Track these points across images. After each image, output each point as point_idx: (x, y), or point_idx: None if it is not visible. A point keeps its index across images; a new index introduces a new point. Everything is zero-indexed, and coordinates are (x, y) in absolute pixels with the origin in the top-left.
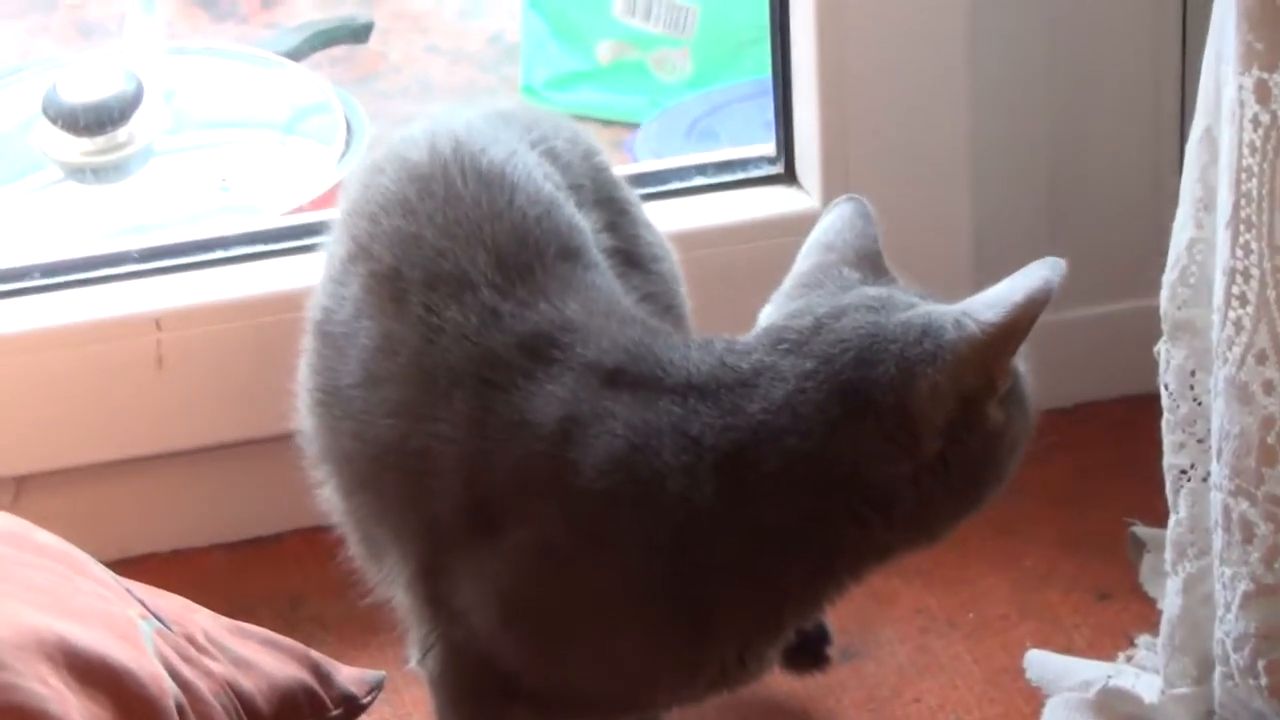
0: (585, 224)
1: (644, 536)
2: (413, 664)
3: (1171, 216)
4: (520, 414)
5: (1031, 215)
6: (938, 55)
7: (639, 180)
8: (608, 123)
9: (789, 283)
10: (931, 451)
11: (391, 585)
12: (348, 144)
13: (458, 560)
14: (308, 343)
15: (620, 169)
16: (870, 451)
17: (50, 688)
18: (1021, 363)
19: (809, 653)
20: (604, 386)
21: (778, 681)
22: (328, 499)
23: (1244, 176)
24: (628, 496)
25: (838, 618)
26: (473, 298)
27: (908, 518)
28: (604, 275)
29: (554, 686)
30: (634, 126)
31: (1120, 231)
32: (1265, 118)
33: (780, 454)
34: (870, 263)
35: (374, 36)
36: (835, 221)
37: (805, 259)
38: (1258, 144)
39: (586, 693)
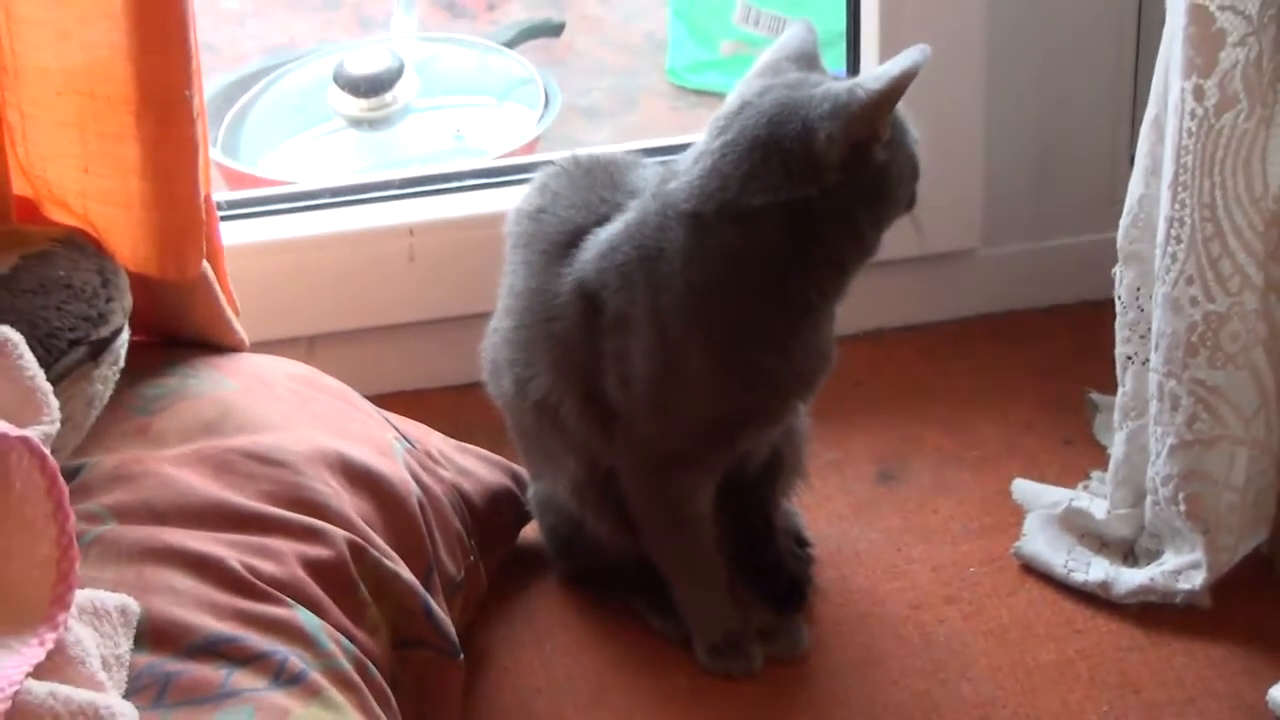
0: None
1: (655, 280)
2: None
3: (1124, 176)
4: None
5: (1025, 172)
6: (961, 69)
7: None
8: None
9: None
10: (833, 181)
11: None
12: (545, 107)
13: (598, 370)
14: (501, 326)
15: None
16: (779, 185)
17: (330, 488)
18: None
19: (791, 594)
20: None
21: (822, 498)
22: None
23: (1182, 153)
24: (637, 259)
25: (883, 454)
26: (570, 184)
27: (834, 230)
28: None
29: (682, 443)
30: None
31: (1088, 186)
32: (1200, 112)
33: (713, 203)
34: (806, 59)
35: (565, 32)
36: (787, 35)
37: (761, 60)
38: (1193, 130)
39: (702, 439)
